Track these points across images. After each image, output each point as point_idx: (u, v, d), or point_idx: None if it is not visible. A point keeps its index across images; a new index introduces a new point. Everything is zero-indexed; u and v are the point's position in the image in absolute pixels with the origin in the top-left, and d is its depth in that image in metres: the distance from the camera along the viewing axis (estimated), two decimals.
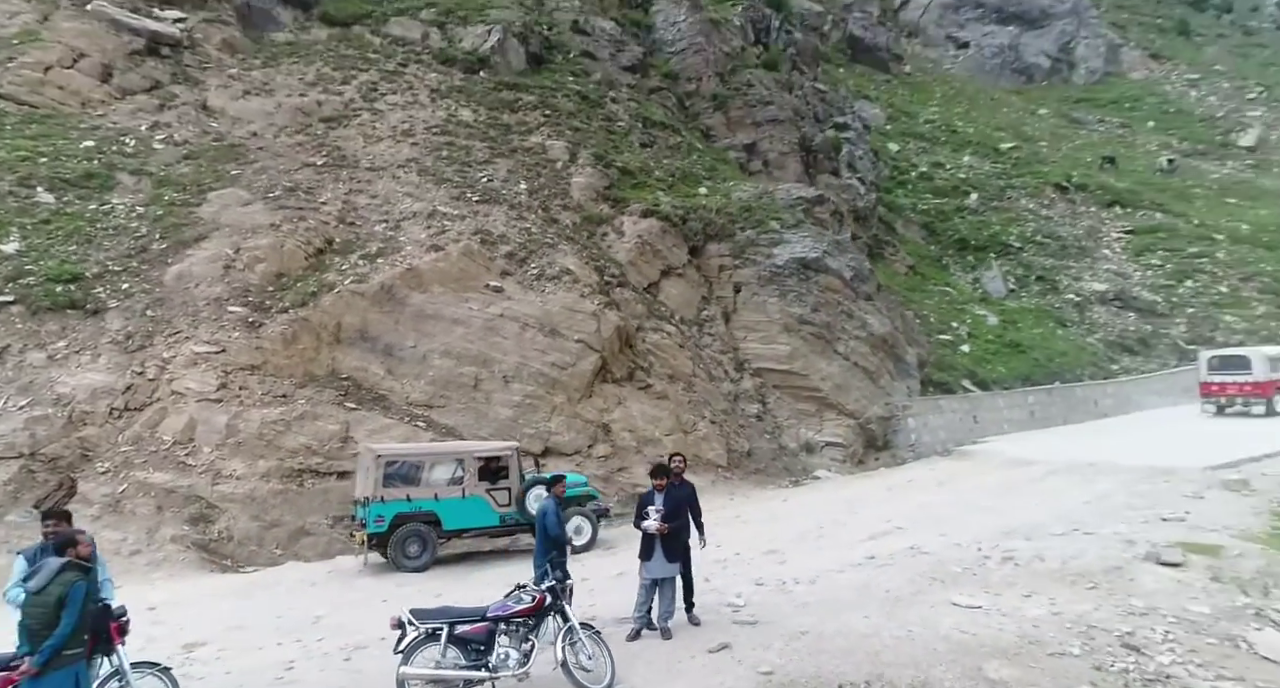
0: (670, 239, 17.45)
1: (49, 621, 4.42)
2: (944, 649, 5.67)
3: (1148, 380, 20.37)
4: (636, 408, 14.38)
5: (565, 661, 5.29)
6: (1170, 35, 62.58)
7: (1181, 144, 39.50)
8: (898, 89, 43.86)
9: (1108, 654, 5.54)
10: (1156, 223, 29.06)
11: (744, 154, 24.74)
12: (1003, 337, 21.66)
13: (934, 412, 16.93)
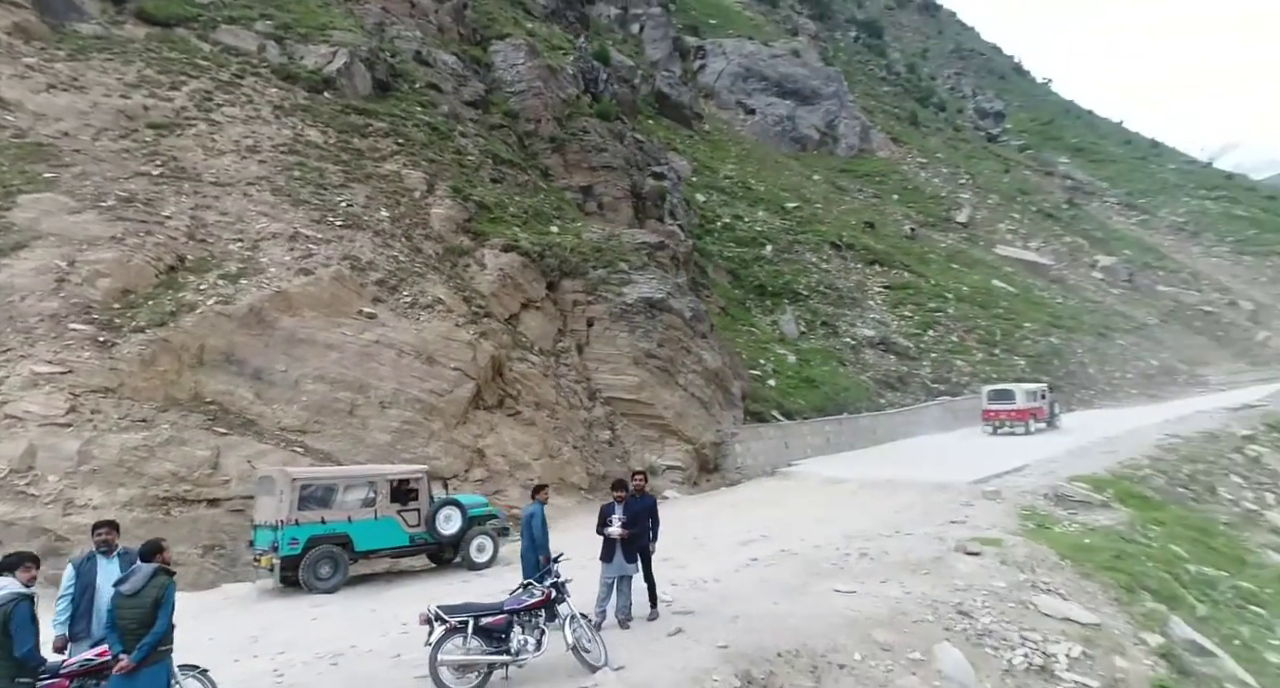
0: (530, 273, 18.49)
1: (145, 620, 4.86)
2: (841, 622, 7.45)
3: (909, 412, 24.99)
4: (508, 434, 15.15)
5: (573, 644, 6.32)
6: (905, 124, 75.50)
7: (918, 216, 47.98)
8: (699, 144, 48.47)
9: (950, 619, 7.67)
10: (906, 280, 35.30)
11: (580, 196, 26.43)
12: (800, 373, 25.25)
13: (755, 438, 19.53)
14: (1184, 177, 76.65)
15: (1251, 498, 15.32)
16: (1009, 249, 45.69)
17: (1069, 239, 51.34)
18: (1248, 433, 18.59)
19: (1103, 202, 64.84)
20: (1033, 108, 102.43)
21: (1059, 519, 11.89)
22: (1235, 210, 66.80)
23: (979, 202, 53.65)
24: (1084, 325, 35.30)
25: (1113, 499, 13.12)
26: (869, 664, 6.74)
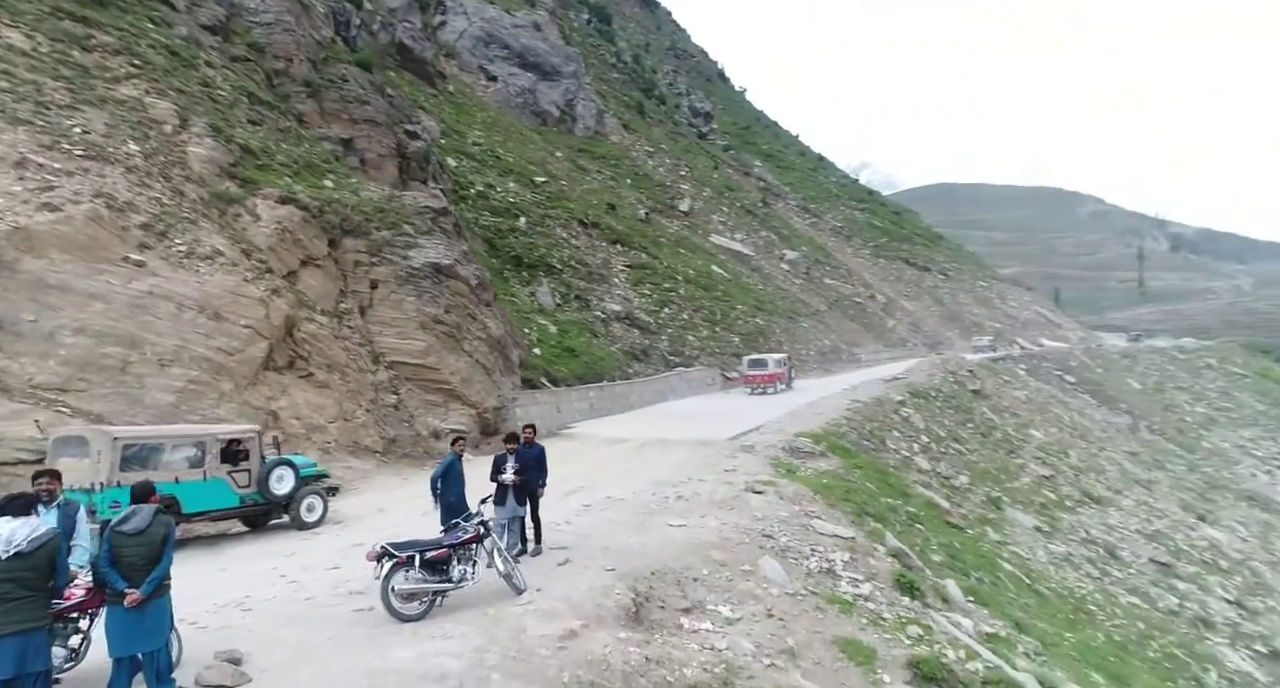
0: (311, 229, 17.42)
1: (153, 556, 5.30)
2: (685, 548, 9.22)
3: (655, 381, 28.12)
4: (301, 396, 14.50)
5: (504, 573, 7.28)
6: (633, 112, 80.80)
7: (649, 201, 52.37)
8: (444, 105, 47.28)
9: (761, 540, 9.85)
10: (644, 261, 38.80)
11: (340, 149, 24.85)
12: (561, 343, 26.90)
13: (532, 403, 20.75)
14: (841, 189, 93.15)
15: (906, 448, 20.59)
16: (721, 239, 52.15)
17: (764, 234, 59.95)
18: (900, 399, 24.61)
19: (786, 203, 76.35)
20: (733, 112, 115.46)
21: (798, 466, 15.09)
22: (874, 221, 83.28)
23: (696, 193, 59.96)
24: (779, 309, 42.17)
25: (827, 450, 16.84)
26: (715, 576, 8.59)
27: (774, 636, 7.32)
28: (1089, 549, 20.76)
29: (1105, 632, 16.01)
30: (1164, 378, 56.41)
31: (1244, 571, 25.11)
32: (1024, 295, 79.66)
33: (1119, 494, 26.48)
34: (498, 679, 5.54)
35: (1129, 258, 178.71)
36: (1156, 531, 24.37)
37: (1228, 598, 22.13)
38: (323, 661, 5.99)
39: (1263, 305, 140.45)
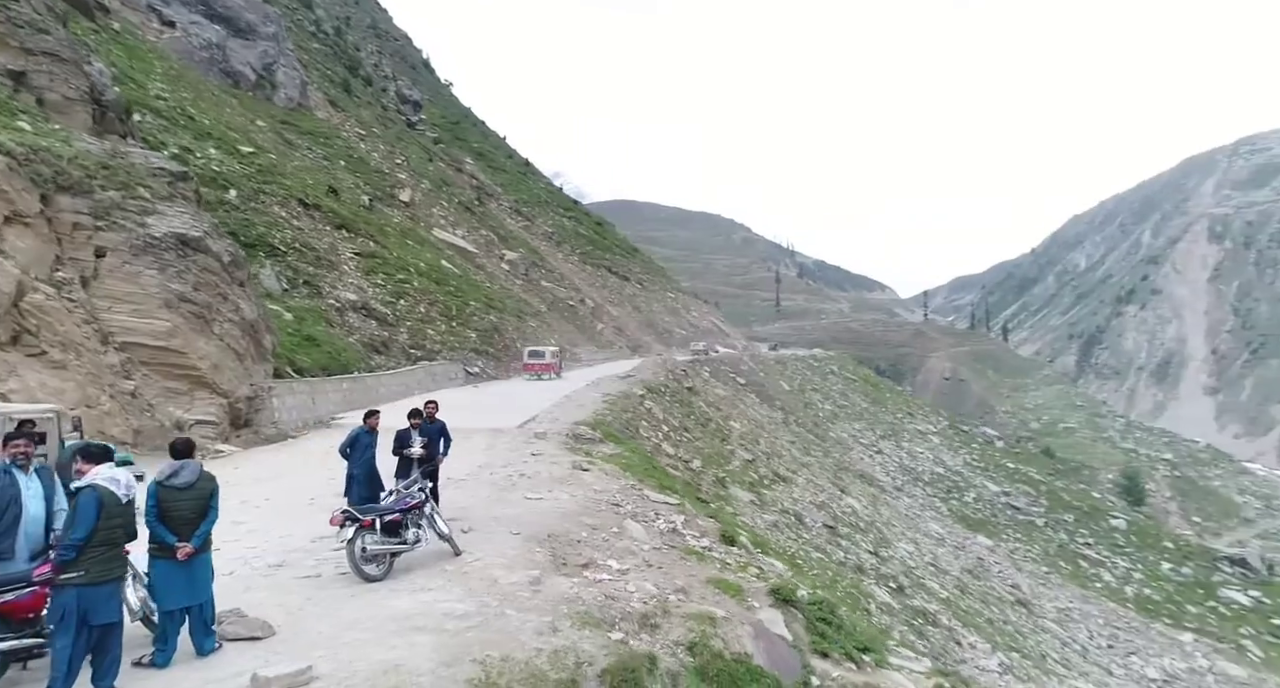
0: (18, 181, 14.10)
1: (201, 510, 5.45)
2: (559, 516, 10.07)
3: (401, 374, 27.17)
4: (34, 378, 11.92)
5: (446, 535, 7.93)
6: (339, 89, 74.99)
7: (368, 187, 49.55)
8: (111, 47, 39.62)
9: (614, 507, 11.05)
10: (373, 250, 36.90)
11: (10, 84, 19.96)
12: (300, 331, 24.75)
13: (289, 393, 19.05)
14: (550, 195, 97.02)
15: (654, 436, 23.21)
16: (444, 234, 51.37)
17: (484, 232, 60.32)
18: (641, 393, 27.38)
19: (500, 204, 77.41)
20: (441, 105, 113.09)
21: (590, 450, 16.48)
22: (580, 229, 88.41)
23: (415, 185, 58.14)
24: (509, 308, 43.10)
25: (603, 437, 18.52)
26: (593, 538, 9.60)
27: (664, 580, 8.60)
28: (785, 518, 25.39)
29: (812, 580, 20.06)
30: (804, 381, 69.12)
31: (873, 530, 32.58)
32: (703, 307, 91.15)
33: (795, 474, 32.50)
34: (512, 614, 6.03)
35: (768, 280, 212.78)
36: (822, 501, 30.50)
37: (869, 550, 28.64)
38: (326, 614, 5.92)
39: (857, 325, 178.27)
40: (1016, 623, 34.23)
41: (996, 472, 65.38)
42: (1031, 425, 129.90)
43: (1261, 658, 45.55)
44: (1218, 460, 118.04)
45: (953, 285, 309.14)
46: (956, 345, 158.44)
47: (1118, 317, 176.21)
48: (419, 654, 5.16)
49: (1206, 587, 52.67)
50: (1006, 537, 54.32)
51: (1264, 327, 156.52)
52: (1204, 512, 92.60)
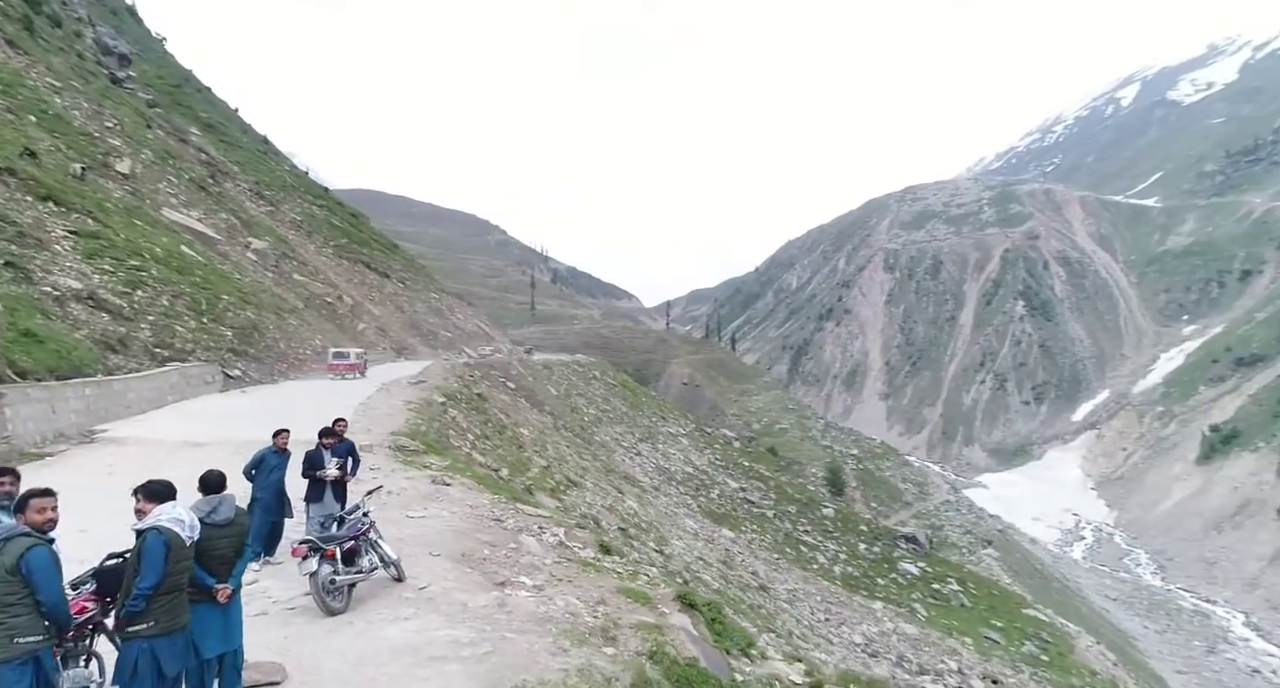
0: None
1: (238, 548, 5.21)
2: (449, 534, 9.81)
3: (152, 377, 23.11)
4: None
5: (394, 559, 7.84)
6: (19, 27, 61.00)
7: (72, 151, 41.23)
8: None
9: (501, 523, 10.93)
10: (94, 229, 30.89)
11: None
12: (15, 324, 20.10)
13: (24, 401, 15.48)
14: (296, 179, 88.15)
15: (465, 446, 22.59)
16: (177, 215, 44.48)
17: (224, 215, 53.21)
18: (441, 401, 26.33)
19: (238, 185, 68.69)
20: (155, 62, 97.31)
21: (420, 463, 15.80)
22: (333, 219, 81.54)
23: (134, 154, 49.60)
24: (265, 303, 38.59)
25: (425, 448, 17.82)
26: (497, 555, 9.54)
27: (581, 593, 8.86)
28: (586, 522, 26.21)
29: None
30: (570, 386, 70.96)
31: (653, 530, 34.75)
32: (468, 309, 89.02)
33: (583, 479, 33.52)
34: (513, 637, 5.96)
35: (523, 284, 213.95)
36: (610, 505, 31.86)
37: (655, 548, 30.54)
38: (323, 651, 5.38)
39: (607, 331, 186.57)
40: (763, 606, 38.61)
41: (735, 469, 72.64)
42: (754, 426, 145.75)
43: (927, 617, 56.26)
44: (888, 454, 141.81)
45: (690, 297, 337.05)
46: (694, 353, 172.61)
47: (819, 331, 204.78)
48: (458, 684, 4.98)
49: (890, 561, 63.61)
50: (745, 529, 60.66)
51: (920, 344, 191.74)
52: (879, 498, 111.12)
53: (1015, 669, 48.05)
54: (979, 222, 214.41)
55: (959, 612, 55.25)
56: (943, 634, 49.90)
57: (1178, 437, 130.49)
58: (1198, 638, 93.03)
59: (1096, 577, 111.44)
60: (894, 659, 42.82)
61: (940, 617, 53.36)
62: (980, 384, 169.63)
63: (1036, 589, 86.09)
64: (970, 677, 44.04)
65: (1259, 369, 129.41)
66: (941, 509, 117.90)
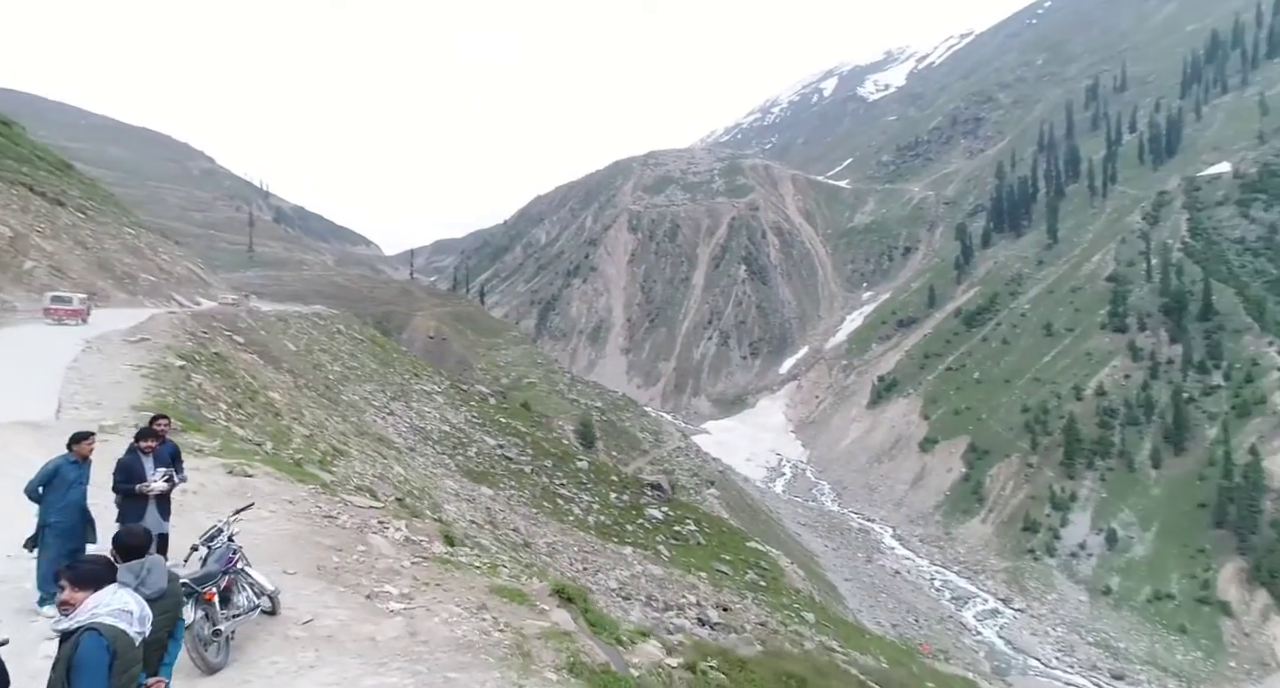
0: None
1: (173, 625, 4.27)
2: (284, 539, 8.59)
3: None
4: None
5: (272, 591, 6.69)
6: None
7: None
8: None
9: (328, 521, 9.71)
10: None
11: None
12: None
13: None
14: None
15: (221, 418, 19.46)
16: None
17: None
18: (180, 364, 22.16)
19: None
20: None
21: (190, 446, 13.42)
22: None
23: None
24: None
25: (184, 426, 15.15)
26: (349, 562, 8.53)
27: (457, 599, 8.31)
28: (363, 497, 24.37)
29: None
30: (311, 341, 64.59)
31: (425, 495, 33.41)
32: (175, 249, 75.79)
33: (348, 446, 30.97)
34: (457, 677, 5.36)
35: (239, 222, 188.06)
36: (380, 473, 29.91)
37: (433, 516, 29.42)
38: None
39: (342, 280, 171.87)
40: (533, 563, 39.32)
41: (492, 426, 72.16)
42: (503, 381, 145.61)
43: (669, 557, 61.68)
44: (629, 406, 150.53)
45: (435, 247, 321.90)
46: (440, 306, 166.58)
47: (567, 287, 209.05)
48: None
49: (638, 508, 68.24)
50: (504, 485, 60.79)
51: (659, 303, 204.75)
52: (620, 447, 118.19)
53: (741, 597, 54.65)
54: (711, 190, 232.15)
55: (696, 550, 61.13)
56: (683, 572, 55.04)
57: (855, 386, 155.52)
58: (861, 551, 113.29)
59: (792, 506, 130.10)
60: (644, 600, 46.35)
61: (681, 556, 58.69)
62: (708, 340, 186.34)
63: (749, 522, 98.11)
64: (707, 607, 49.16)
65: (912, 329, 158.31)
66: (673, 455, 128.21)
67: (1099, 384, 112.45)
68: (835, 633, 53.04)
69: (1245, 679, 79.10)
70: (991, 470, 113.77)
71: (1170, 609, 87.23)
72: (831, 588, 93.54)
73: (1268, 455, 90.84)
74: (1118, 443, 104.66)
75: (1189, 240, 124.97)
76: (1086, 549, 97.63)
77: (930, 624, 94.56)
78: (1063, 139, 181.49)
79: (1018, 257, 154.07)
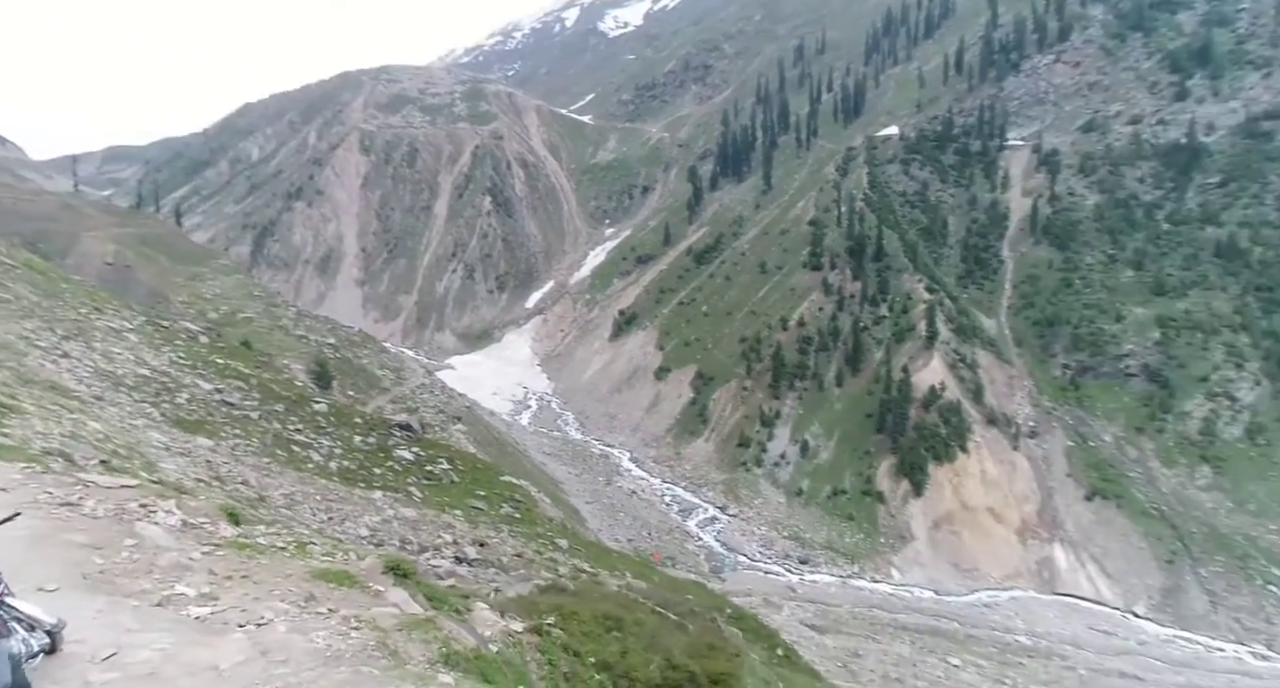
0: None
1: None
2: (22, 543, 6.84)
3: None
4: None
5: (55, 625, 5.03)
6: None
7: None
8: None
9: (68, 510, 7.92)
10: None
11: None
12: None
13: None
14: None
15: None
16: None
17: None
18: None
19: None
20: None
21: None
22: None
23: None
24: None
25: None
26: (118, 562, 7.15)
27: (278, 591, 7.43)
28: (53, 461, 20.29)
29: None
30: None
31: (135, 454, 28.60)
32: None
33: (17, 399, 25.28)
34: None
35: None
36: (72, 431, 24.96)
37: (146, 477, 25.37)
38: None
39: None
40: (275, 521, 35.79)
41: (207, 368, 63.44)
42: (211, 316, 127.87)
43: (422, 497, 60.30)
44: (366, 342, 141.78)
45: (108, 155, 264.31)
46: (120, 226, 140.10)
47: (288, 211, 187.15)
48: None
49: (385, 450, 65.23)
50: (226, 434, 54.15)
51: (397, 231, 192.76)
52: (357, 386, 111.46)
53: (498, 530, 55.49)
54: (452, 114, 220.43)
55: (450, 488, 60.46)
56: (437, 511, 54.22)
57: (599, 320, 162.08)
58: (601, 475, 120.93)
59: (538, 438, 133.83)
60: (397, 544, 45.04)
61: (434, 496, 57.59)
62: (452, 273, 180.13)
63: (497, 456, 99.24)
64: (464, 545, 49.25)
65: (650, 266, 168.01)
66: (417, 392, 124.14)
67: (800, 316, 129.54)
68: (586, 555, 56.35)
69: (889, 551, 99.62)
70: (715, 395, 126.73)
71: (843, 502, 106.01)
72: (575, 512, 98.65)
73: (915, 372, 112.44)
74: (812, 366, 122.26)
75: (868, 192, 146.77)
76: (786, 459, 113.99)
77: (660, 535, 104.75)
78: (776, 93, 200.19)
79: (740, 200, 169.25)
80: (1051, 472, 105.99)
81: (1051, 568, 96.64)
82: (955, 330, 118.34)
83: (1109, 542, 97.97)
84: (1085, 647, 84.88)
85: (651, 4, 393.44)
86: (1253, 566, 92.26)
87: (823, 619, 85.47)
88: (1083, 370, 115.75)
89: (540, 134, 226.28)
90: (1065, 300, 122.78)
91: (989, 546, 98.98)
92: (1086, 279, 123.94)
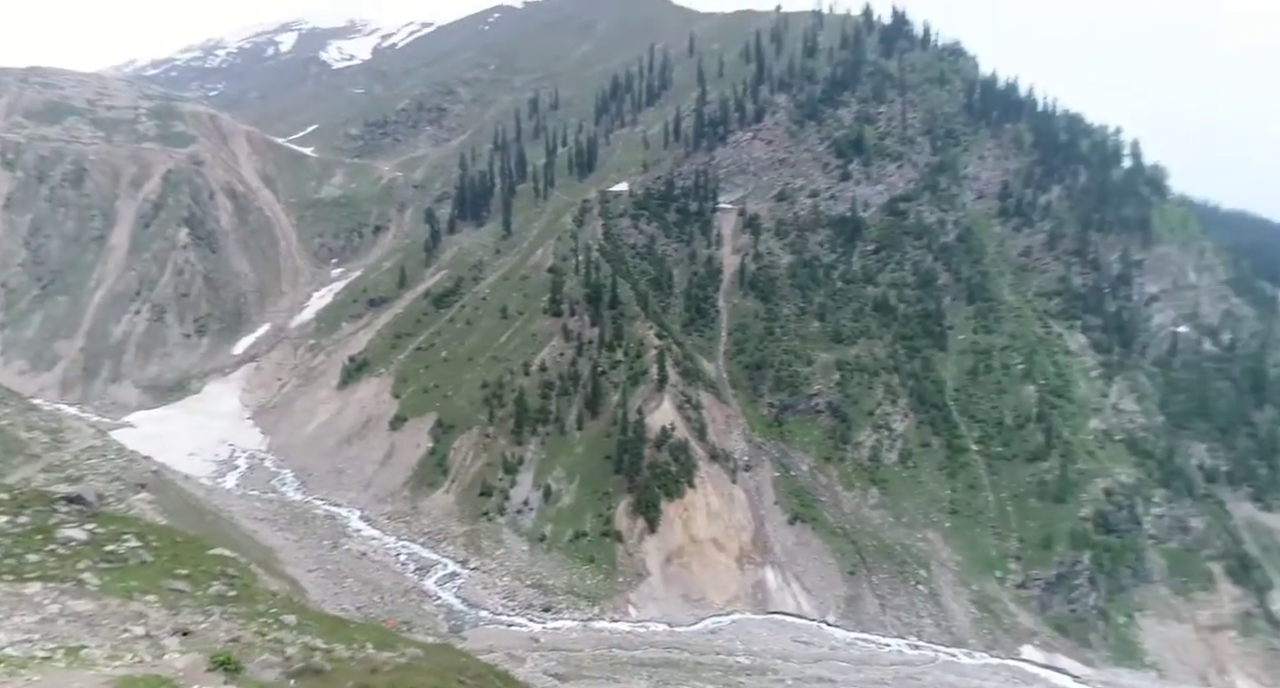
0: None
1: None
2: None
3: None
4: None
5: None
6: None
7: None
8: None
9: None
10: None
11: None
12: None
13: None
14: None
15: None
16: None
17: None
18: None
19: None
20: None
21: None
22: None
23: None
24: None
25: None
26: None
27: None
28: None
29: None
30: None
31: None
32: None
33: None
34: None
35: None
36: None
37: None
38: None
39: None
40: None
41: None
42: None
43: (100, 585, 49.53)
44: (6, 398, 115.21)
45: None
46: None
47: None
48: None
49: (45, 530, 52.62)
50: None
51: (55, 263, 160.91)
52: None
53: (206, 614, 47.58)
54: (136, 132, 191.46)
55: (140, 570, 50.39)
56: (123, 600, 44.84)
57: (324, 366, 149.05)
58: (326, 538, 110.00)
59: (248, 501, 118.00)
60: None
61: (117, 581, 47.48)
62: (135, 315, 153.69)
63: (195, 525, 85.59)
64: (161, 637, 41.48)
65: (384, 309, 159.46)
66: (83, 457, 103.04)
67: (542, 361, 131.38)
68: (318, 630, 50.39)
69: (627, 589, 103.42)
70: (455, 443, 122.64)
71: (585, 544, 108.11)
72: (294, 583, 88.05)
73: (649, 414, 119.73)
74: (554, 411, 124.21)
75: (603, 242, 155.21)
76: (529, 505, 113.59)
77: (394, 598, 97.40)
78: (513, 142, 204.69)
79: (479, 244, 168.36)
80: (762, 501, 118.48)
81: (764, 589, 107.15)
82: (682, 374, 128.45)
83: (807, 560, 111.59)
84: (791, 658, 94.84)
85: (380, 40, 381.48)
86: (908, 570, 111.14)
87: (565, 666, 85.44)
88: (784, 408, 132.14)
89: (252, 163, 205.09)
90: (769, 346, 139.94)
91: (713, 574, 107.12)
92: (785, 328, 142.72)
